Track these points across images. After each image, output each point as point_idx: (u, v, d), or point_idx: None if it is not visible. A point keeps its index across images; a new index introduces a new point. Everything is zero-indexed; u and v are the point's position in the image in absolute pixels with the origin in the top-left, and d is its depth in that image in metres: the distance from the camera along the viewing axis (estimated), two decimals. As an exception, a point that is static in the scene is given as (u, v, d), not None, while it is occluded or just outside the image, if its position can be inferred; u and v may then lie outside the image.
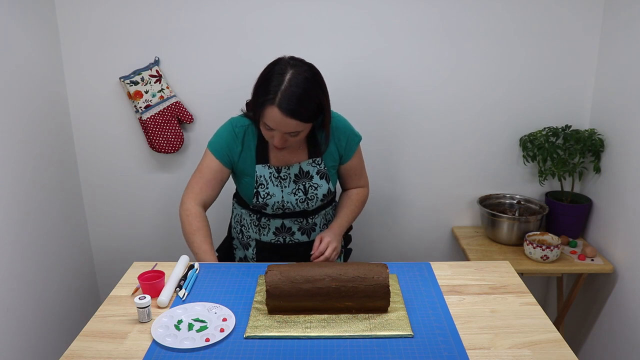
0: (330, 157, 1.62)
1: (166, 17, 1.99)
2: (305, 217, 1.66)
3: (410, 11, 1.99)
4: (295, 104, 1.38)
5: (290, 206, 1.60)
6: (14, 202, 1.74)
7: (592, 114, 2.10)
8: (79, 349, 1.15)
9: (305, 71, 1.42)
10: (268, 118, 1.41)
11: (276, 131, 1.43)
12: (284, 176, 1.59)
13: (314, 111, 1.43)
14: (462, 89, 2.09)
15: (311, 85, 1.41)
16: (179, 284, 1.38)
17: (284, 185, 1.59)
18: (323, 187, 1.62)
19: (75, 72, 2.06)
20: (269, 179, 1.59)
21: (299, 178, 1.60)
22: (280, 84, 1.38)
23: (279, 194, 1.59)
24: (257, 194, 1.59)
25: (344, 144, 1.62)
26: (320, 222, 1.70)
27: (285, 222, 1.64)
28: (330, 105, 1.51)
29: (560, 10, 1.99)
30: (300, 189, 1.60)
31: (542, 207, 2.10)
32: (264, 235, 1.67)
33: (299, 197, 1.60)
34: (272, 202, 1.59)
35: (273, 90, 1.38)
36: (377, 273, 1.24)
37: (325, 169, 1.62)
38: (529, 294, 1.36)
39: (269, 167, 1.59)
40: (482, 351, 1.13)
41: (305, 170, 1.60)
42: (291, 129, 1.41)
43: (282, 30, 2.01)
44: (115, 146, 2.16)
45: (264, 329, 1.20)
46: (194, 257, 1.58)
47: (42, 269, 1.91)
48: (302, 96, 1.39)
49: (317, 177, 1.61)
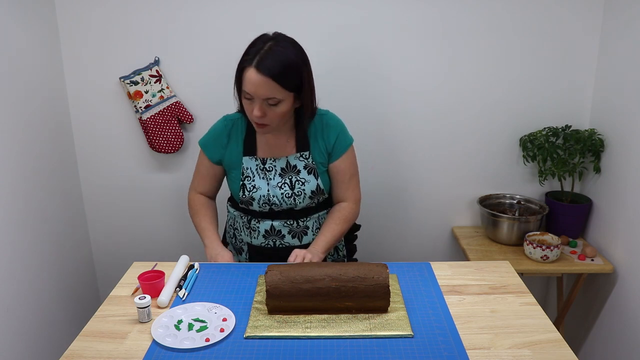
0: (318, 152, 1.59)
1: (166, 17, 1.99)
2: (294, 219, 1.62)
3: (410, 11, 1.99)
4: (272, 64, 1.37)
5: (276, 201, 1.57)
6: (13, 202, 1.74)
7: (592, 114, 2.10)
8: (79, 349, 1.15)
9: (288, 41, 1.43)
10: (246, 83, 1.40)
11: (255, 100, 1.41)
12: (269, 167, 1.58)
13: (293, 78, 1.41)
14: (462, 88, 2.09)
15: (292, 52, 1.41)
16: (179, 284, 1.38)
17: (269, 177, 1.58)
18: (311, 182, 1.58)
19: (75, 72, 2.06)
20: (255, 171, 1.58)
21: (286, 172, 1.58)
22: (261, 49, 1.39)
23: (265, 187, 1.57)
24: (244, 187, 1.58)
25: (333, 141, 1.59)
26: (313, 226, 1.65)
27: (275, 225, 1.62)
28: (310, 82, 1.49)
29: (560, 10, 1.99)
30: (286, 182, 1.57)
31: (542, 207, 2.10)
32: (255, 239, 1.65)
33: (285, 191, 1.57)
34: (257, 195, 1.57)
35: (252, 53, 1.39)
36: (377, 273, 1.24)
37: (314, 164, 1.59)
38: (529, 294, 1.37)
39: (255, 159, 1.58)
40: (482, 351, 1.13)
41: (292, 164, 1.58)
42: (268, 92, 1.39)
43: (282, 30, 2.00)
44: (115, 146, 2.16)
45: (264, 329, 1.20)
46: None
47: (42, 269, 1.91)
48: (282, 59, 1.38)
49: (305, 171, 1.58)
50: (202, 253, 2.28)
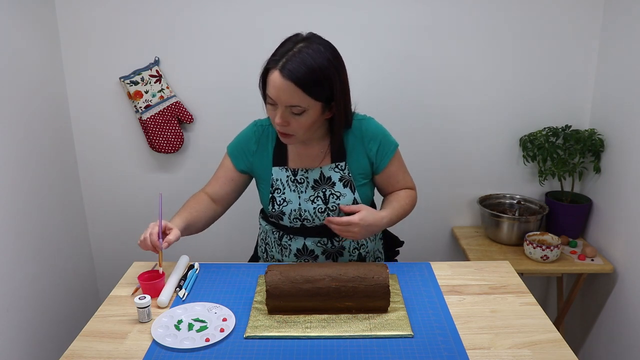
0: (357, 164, 1.46)
1: (166, 17, 1.99)
2: (329, 238, 1.49)
3: (410, 11, 1.99)
4: (298, 69, 1.23)
5: (308, 216, 1.45)
6: (13, 202, 1.74)
7: (592, 114, 2.10)
8: (79, 349, 1.15)
9: (322, 45, 1.28)
10: (269, 86, 1.27)
11: (278, 106, 1.28)
12: (300, 179, 1.45)
13: (321, 86, 1.27)
14: (462, 88, 2.09)
15: (324, 57, 1.26)
16: (179, 284, 1.38)
17: (301, 190, 1.45)
18: (347, 196, 1.44)
19: (75, 72, 2.06)
20: (286, 182, 1.46)
21: (319, 184, 1.44)
22: (289, 50, 1.26)
23: (296, 200, 1.45)
24: (273, 200, 1.47)
25: (375, 150, 1.46)
26: (350, 247, 1.51)
27: (307, 243, 1.49)
28: (344, 91, 1.34)
29: (560, 10, 1.99)
30: (319, 196, 1.44)
31: (542, 207, 2.10)
32: (286, 257, 1.54)
33: (317, 205, 1.44)
34: (288, 209, 1.46)
35: (280, 54, 1.26)
36: (377, 273, 1.24)
37: (350, 176, 1.45)
38: (529, 294, 1.36)
39: (286, 170, 1.46)
40: (482, 351, 1.13)
41: (326, 175, 1.44)
42: (291, 99, 1.26)
43: (283, 30, 2.00)
44: (115, 146, 2.16)
45: (264, 329, 1.20)
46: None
47: (42, 269, 1.91)
48: (310, 64, 1.24)
49: (340, 184, 1.44)
50: (202, 253, 2.29)
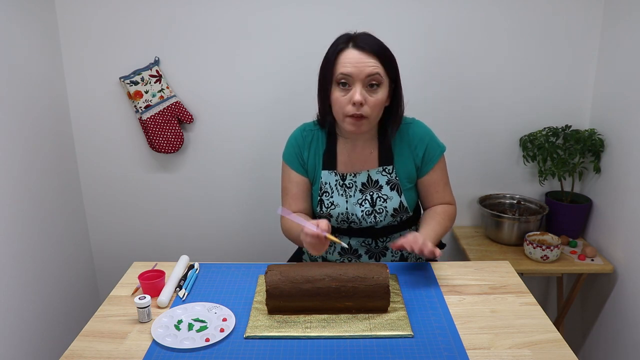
0: (404, 168, 1.49)
1: (166, 17, 1.99)
2: (374, 238, 1.53)
3: (408, 11, 1.99)
4: (371, 42, 1.34)
5: (355, 219, 1.49)
6: (13, 202, 1.74)
7: (592, 114, 2.10)
8: (79, 349, 1.15)
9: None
10: (342, 65, 1.33)
11: (356, 83, 1.33)
12: (349, 184, 1.48)
13: (391, 61, 1.37)
14: (462, 88, 2.09)
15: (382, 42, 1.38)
16: (179, 284, 1.38)
17: (349, 194, 1.48)
18: (394, 199, 1.47)
19: (75, 72, 2.06)
20: (334, 186, 1.49)
21: (367, 187, 1.48)
22: (351, 35, 1.37)
23: (344, 204, 1.48)
24: (321, 203, 1.50)
25: (421, 154, 1.48)
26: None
27: (352, 243, 1.53)
28: (399, 81, 1.43)
29: (560, 10, 1.99)
30: (367, 199, 1.47)
31: (542, 207, 2.10)
32: (330, 254, 1.57)
33: (365, 208, 1.47)
34: (336, 212, 1.49)
35: (342, 40, 1.36)
36: (377, 273, 1.24)
37: (397, 179, 1.48)
38: (529, 294, 1.36)
39: (335, 174, 1.49)
40: (482, 351, 1.13)
41: (374, 178, 1.48)
42: (369, 67, 1.32)
43: (283, 30, 2.01)
44: (115, 146, 2.16)
45: (264, 329, 1.20)
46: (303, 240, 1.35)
47: (42, 269, 1.91)
48: (378, 41, 1.36)
49: (387, 187, 1.48)
50: (202, 253, 2.29)
